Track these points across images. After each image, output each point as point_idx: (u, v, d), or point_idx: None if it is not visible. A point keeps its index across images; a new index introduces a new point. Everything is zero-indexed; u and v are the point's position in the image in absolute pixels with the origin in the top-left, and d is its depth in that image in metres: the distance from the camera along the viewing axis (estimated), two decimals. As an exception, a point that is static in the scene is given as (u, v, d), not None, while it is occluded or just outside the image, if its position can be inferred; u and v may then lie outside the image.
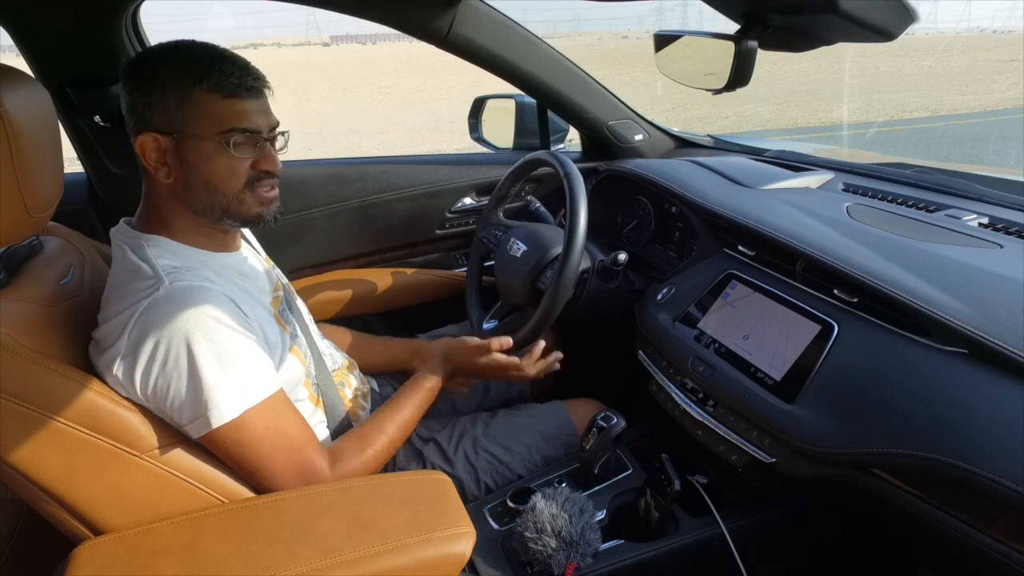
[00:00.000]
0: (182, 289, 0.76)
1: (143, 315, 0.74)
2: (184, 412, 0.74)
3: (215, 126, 0.80)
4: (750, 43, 0.80)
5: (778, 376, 0.88)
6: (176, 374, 0.73)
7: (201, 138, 0.80)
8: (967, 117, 8.69)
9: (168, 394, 0.73)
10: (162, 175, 0.82)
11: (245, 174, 0.83)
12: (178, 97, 0.78)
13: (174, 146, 0.80)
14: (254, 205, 0.86)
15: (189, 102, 0.79)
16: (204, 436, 0.76)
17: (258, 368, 0.78)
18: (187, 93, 0.78)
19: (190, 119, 0.79)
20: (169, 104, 0.79)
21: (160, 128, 0.80)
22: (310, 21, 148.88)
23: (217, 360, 0.74)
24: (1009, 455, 0.64)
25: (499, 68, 1.36)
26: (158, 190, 0.84)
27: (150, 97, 0.79)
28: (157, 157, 0.81)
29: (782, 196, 1.18)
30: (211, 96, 0.79)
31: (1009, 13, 71.87)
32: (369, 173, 1.52)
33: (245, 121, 0.81)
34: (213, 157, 0.81)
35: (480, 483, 1.08)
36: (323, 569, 0.68)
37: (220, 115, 0.80)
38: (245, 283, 0.89)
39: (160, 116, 0.79)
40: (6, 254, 0.81)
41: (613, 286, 1.22)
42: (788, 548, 1.06)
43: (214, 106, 0.79)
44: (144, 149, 0.80)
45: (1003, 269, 0.83)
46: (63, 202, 0.79)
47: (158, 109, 0.79)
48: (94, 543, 0.71)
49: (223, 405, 0.74)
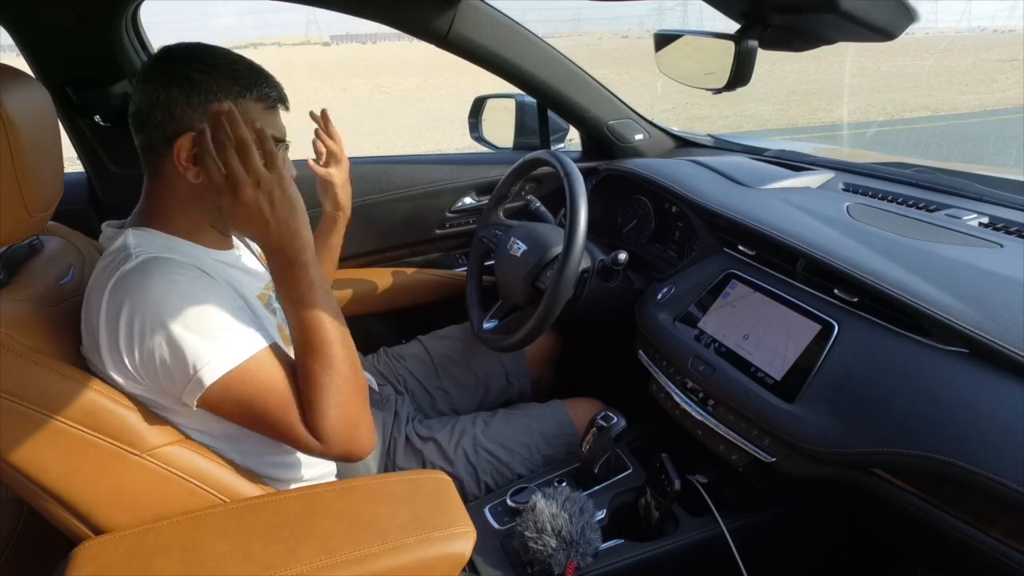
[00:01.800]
0: (149, 259, 0.75)
1: (113, 291, 0.73)
2: (176, 379, 0.73)
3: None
4: (750, 42, 0.80)
5: (778, 376, 0.88)
6: (156, 342, 0.72)
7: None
8: (967, 117, 8.68)
9: (155, 365, 0.72)
10: (191, 175, 0.80)
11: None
12: (224, 101, 0.78)
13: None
14: None
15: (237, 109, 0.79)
16: (201, 399, 0.74)
17: (239, 326, 0.77)
18: (235, 100, 0.80)
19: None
20: (215, 108, 0.78)
21: (200, 128, 0.78)
22: (310, 20, 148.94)
23: (196, 323, 0.73)
24: (1009, 455, 0.64)
25: (499, 68, 1.36)
26: (173, 188, 0.83)
27: (193, 97, 0.78)
28: (189, 157, 0.80)
29: (782, 196, 1.18)
30: (256, 106, 0.82)
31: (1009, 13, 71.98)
32: (369, 173, 1.52)
33: (279, 132, 0.85)
34: None
35: (480, 483, 1.08)
36: (323, 569, 0.68)
37: (260, 124, 0.81)
38: (233, 275, 0.88)
39: (202, 116, 0.79)
40: (6, 254, 0.81)
41: (613, 286, 1.22)
42: (788, 548, 1.06)
43: (256, 115, 0.82)
44: (180, 149, 0.79)
45: (1003, 269, 0.83)
46: (63, 202, 0.79)
47: (201, 109, 0.79)
48: (94, 542, 0.71)
49: (213, 362, 0.73)
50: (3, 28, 1.22)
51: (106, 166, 1.37)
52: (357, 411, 0.81)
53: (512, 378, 1.34)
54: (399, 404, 1.21)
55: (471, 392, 1.32)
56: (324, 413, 0.77)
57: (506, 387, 1.34)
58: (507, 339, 1.18)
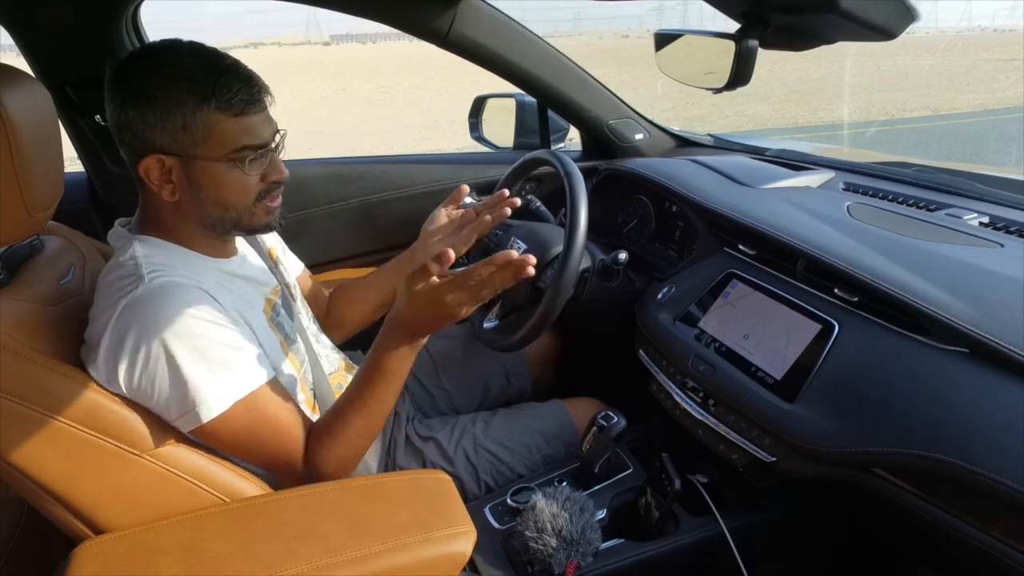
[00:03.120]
0: (160, 286, 0.75)
1: (122, 314, 0.73)
2: (171, 409, 0.74)
3: (226, 146, 0.77)
4: (750, 42, 0.80)
5: (778, 375, 0.88)
6: (158, 372, 0.72)
7: (212, 159, 0.78)
8: (968, 116, 8.68)
9: (153, 392, 0.73)
10: (167, 193, 0.79)
11: (256, 188, 0.82)
12: (183, 118, 0.75)
13: (181, 166, 0.78)
14: (263, 216, 0.85)
15: (196, 123, 0.75)
16: (194, 431, 0.76)
17: (242, 361, 0.77)
18: (194, 115, 0.75)
19: (199, 140, 0.76)
20: (174, 124, 0.75)
21: (165, 149, 0.76)
22: (310, 20, 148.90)
23: (200, 357, 0.73)
24: (1010, 454, 0.64)
25: (499, 67, 1.36)
26: (160, 203, 0.82)
27: (149, 116, 0.75)
28: (161, 176, 0.78)
29: (783, 195, 1.18)
30: (219, 116, 0.76)
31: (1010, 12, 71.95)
32: (369, 172, 1.52)
33: (254, 137, 0.79)
34: (225, 177, 0.79)
35: (480, 482, 1.08)
36: (324, 568, 0.68)
37: (230, 134, 0.77)
38: (237, 287, 0.88)
39: (164, 137, 0.76)
40: (7, 253, 0.81)
41: (613, 285, 1.22)
42: (788, 548, 1.06)
43: (223, 126, 0.76)
44: (148, 170, 0.77)
45: (1004, 268, 0.83)
46: (63, 201, 0.79)
47: (160, 128, 0.75)
48: (95, 542, 0.71)
49: (209, 400, 0.74)
50: (3, 28, 1.22)
51: (106, 166, 1.37)
52: (355, 462, 0.86)
53: (512, 378, 1.34)
54: (399, 403, 1.21)
55: (471, 391, 1.32)
56: (328, 457, 0.82)
57: (506, 387, 1.34)
58: (507, 339, 1.18)
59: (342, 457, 0.83)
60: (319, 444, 0.82)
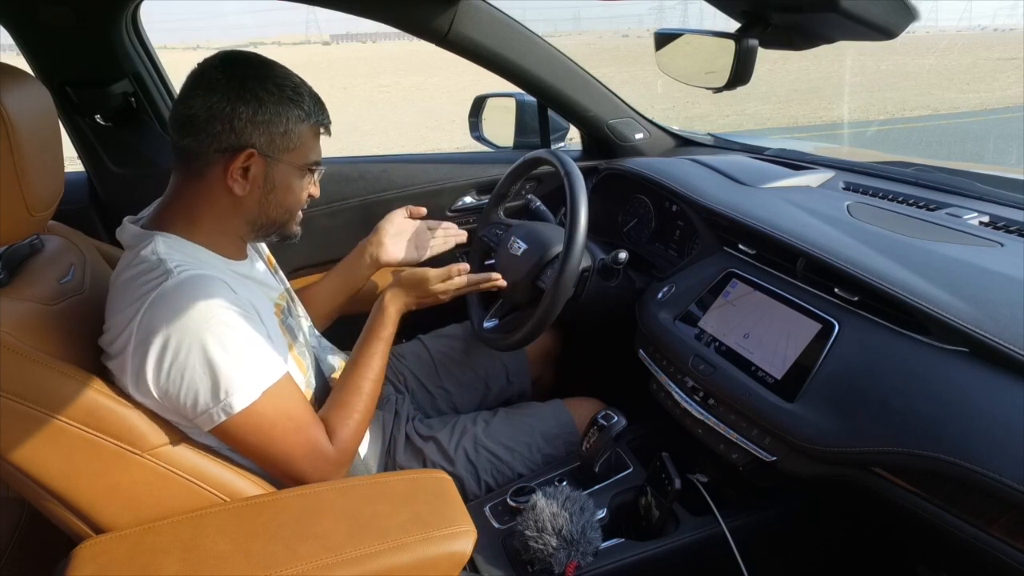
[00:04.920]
0: (190, 278, 0.76)
1: (151, 308, 0.73)
2: (199, 402, 0.74)
3: (306, 158, 0.88)
4: (751, 41, 0.80)
5: (779, 375, 0.88)
6: (190, 363, 0.73)
7: (295, 166, 0.87)
8: (968, 115, 8.67)
9: (182, 385, 0.73)
10: (238, 188, 0.83)
11: (307, 199, 0.93)
12: (287, 125, 0.83)
13: (265, 165, 0.84)
14: (295, 224, 0.94)
15: (294, 133, 0.84)
16: (219, 425, 0.75)
17: (266, 353, 0.79)
18: (297, 126, 0.84)
19: (292, 147, 0.85)
20: (277, 129, 0.82)
21: (259, 146, 0.82)
22: (310, 20, 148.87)
23: (231, 347, 0.75)
24: (1009, 454, 0.64)
25: (499, 67, 1.36)
26: (213, 197, 0.84)
27: (258, 116, 0.81)
28: (240, 170, 0.82)
29: (783, 194, 1.18)
30: (312, 132, 0.87)
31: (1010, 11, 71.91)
32: (369, 172, 1.52)
33: (319, 156, 0.91)
34: (295, 183, 0.88)
35: (481, 482, 1.08)
36: (324, 568, 0.68)
37: (312, 149, 0.89)
38: (250, 288, 0.89)
39: (262, 135, 0.82)
40: (7, 253, 0.81)
41: (614, 285, 1.22)
42: (788, 547, 1.06)
43: (312, 141, 0.88)
44: (234, 162, 0.81)
45: (1004, 268, 0.83)
46: (63, 201, 0.79)
47: (264, 129, 0.81)
48: (95, 541, 0.71)
49: (242, 389, 0.75)
50: (3, 28, 1.22)
51: (106, 165, 1.37)
52: (361, 435, 0.92)
53: (512, 377, 1.34)
54: (399, 403, 1.21)
55: (471, 391, 1.32)
56: (354, 431, 0.89)
57: (507, 386, 1.34)
58: (508, 338, 1.18)
59: (360, 430, 0.91)
60: (342, 424, 0.88)
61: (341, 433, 0.87)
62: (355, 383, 0.94)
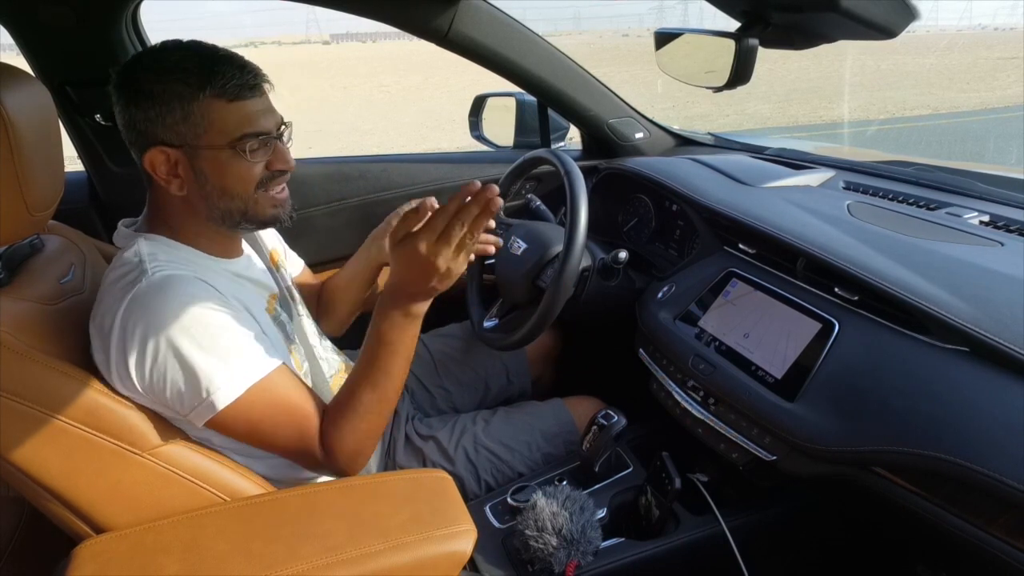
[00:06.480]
0: (162, 279, 0.75)
1: (127, 309, 0.73)
2: (184, 401, 0.74)
3: (227, 134, 0.78)
4: (751, 41, 0.80)
5: (779, 374, 0.88)
6: (169, 365, 0.73)
7: (215, 148, 0.78)
8: (968, 115, 8.67)
9: (165, 385, 0.73)
10: (175, 188, 0.80)
11: (259, 175, 0.83)
12: (182, 108, 0.76)
13: (186, 158, 0.79)
14: (268, 207, 0.85)
15: (195, 112, 0.76)
16: (210, 420, 0.75)
17: (251, 348, 0.78)
18: (191, 103, 0.76)
19: (200, 130, 0.77)
20: (174, 116, 0.76)
21: (168, 141, 0.78)
22: (310, 19, 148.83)
23: (208, 346, 0.74)
24: (1009, 453, 0.64)
25: (499, 66, 1.36)
26: (169, 200, 0.83)
27: (150, 111, 0.76)
28: (168, 170, 0.79)
29: (783, 194, 1.18)
30: (216, 103, 0.77)
31: (1010, 11, 71.86)
32: (370, 171, 1.52)
33: (255, 125, 0.80)
34: (229, 165, 0.80)
35: (481, 481, 1.08)
36: (324, 567, 0.68)
37: (230, 122, 0.78)
38: (242, 286, 0.89)
39: (165, 129, 0.77)
40: (7, 253, 0.81)
41: (614, 284, 1.22)
42: (788, 546, 1.06)
43: (222, 112, 0.77)
44: (154, 164, 0.79)
45: (1004, 267, 0.83)
46: (63, 201, 0.79)
47: (162, 122, 0.77)
48: (95, 541, 0.71)
49: (223, 387, 0.74)
50: (3, 28, 1.22)
51: (106, 165, 1.37)
52: (373, 443, 0.86)
53: (512, 376, 1.34)
54: (399, 402, 1.21)
55: (471, 390, 1.32)
56: (344, 436, 0.82)
57: (506, 385, 1.34)
58: (507, 338, 1.18)
59: (356, 438, 0.83)
60: (333, 425, 0.82)
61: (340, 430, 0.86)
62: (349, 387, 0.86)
